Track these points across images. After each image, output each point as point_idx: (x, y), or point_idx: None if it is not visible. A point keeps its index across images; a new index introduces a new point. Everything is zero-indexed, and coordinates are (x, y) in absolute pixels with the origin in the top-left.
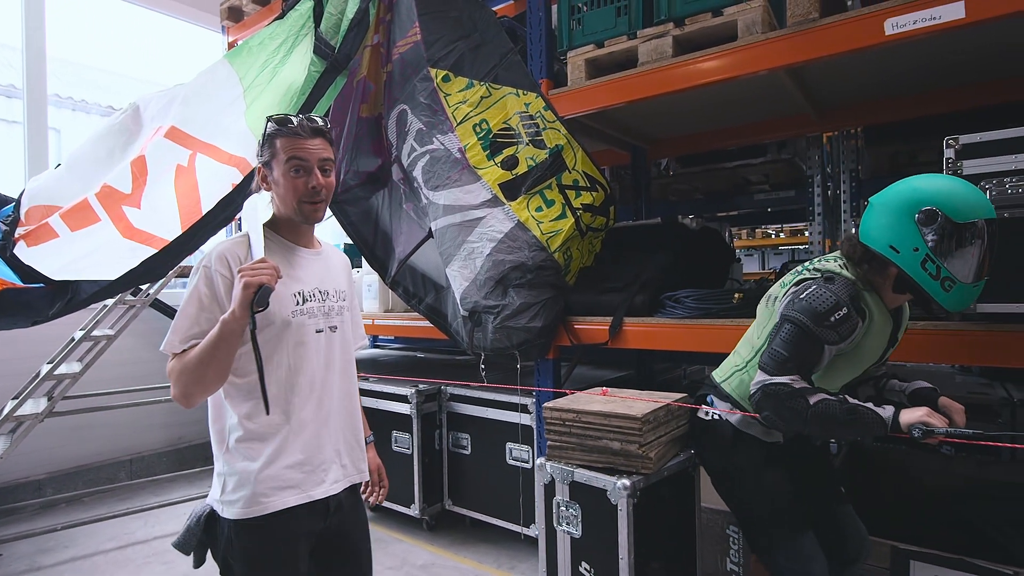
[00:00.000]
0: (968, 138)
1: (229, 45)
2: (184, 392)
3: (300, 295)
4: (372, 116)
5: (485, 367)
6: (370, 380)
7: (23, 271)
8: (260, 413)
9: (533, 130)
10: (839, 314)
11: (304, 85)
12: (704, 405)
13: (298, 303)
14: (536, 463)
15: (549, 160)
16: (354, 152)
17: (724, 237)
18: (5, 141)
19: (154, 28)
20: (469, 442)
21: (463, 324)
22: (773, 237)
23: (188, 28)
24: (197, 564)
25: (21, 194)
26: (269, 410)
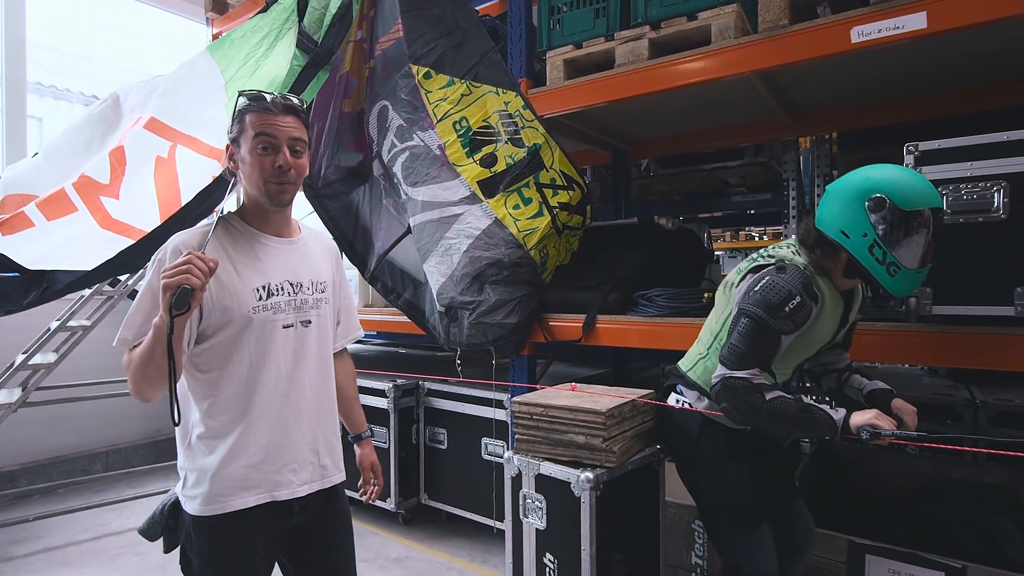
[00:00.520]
0: (927, 145)
1: (213, 36)
2: (135, 388)
3: (264, 289)
4: (354, 111)
5: (462, 363)
6: None
7: None
8: (220, 411)
9: (512, 128)
10: (793, 303)
11: (286, 79)
12: (673, 394)
13: (261, 298)
14: (504, 456)
15: (527, 158)
16: (336, 147)
17: (701, 238)
18: None
19: (139, 17)
20: (446, 437)
21: (440, 320)
22: (756, 240)
23: (173, 18)
24: (167, 550)
25: None
26: (178, 419)
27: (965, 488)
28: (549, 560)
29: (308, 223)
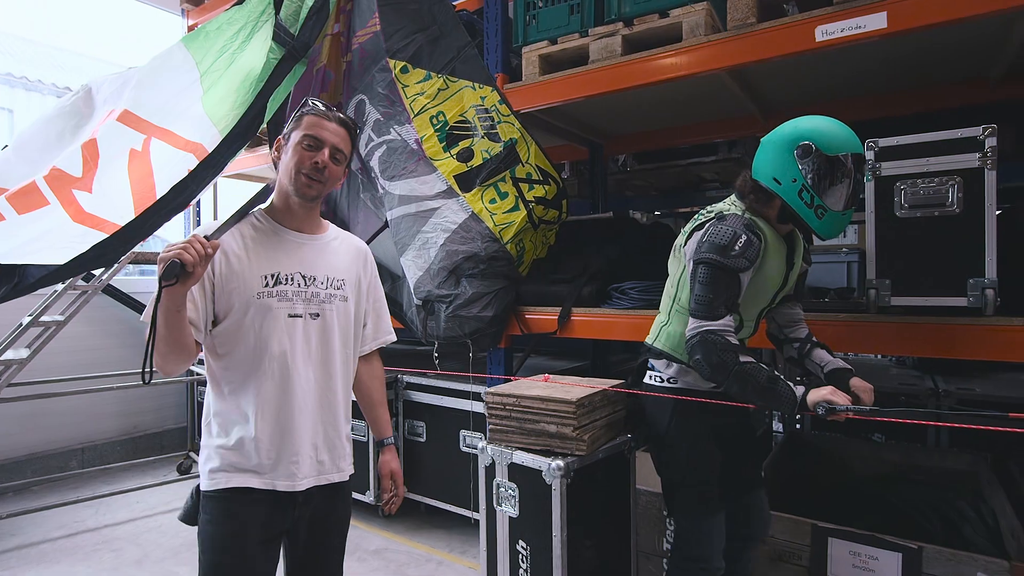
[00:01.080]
0: (886, 141)
1: (188, 28)
2: (158, 362)
3: (272, 277)
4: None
5: (440, 356)
6: None
7: None
8: (230, 393)
9: (488, 123)
10: (740, 241)
11: (263, 72)
12: (648, 371)
13: (267, 284)
14: (479, 447)
15: (503, 153)
16: None
17: (675, 232)
18: None
19: (112, 8)
20: (424, 430)
21: (417, 313)
22: None
23: (147, 10)
24: (192, 524)
25: None
26: (149, 378)
27: (928, 474)
28: (522, 547)
29: None
